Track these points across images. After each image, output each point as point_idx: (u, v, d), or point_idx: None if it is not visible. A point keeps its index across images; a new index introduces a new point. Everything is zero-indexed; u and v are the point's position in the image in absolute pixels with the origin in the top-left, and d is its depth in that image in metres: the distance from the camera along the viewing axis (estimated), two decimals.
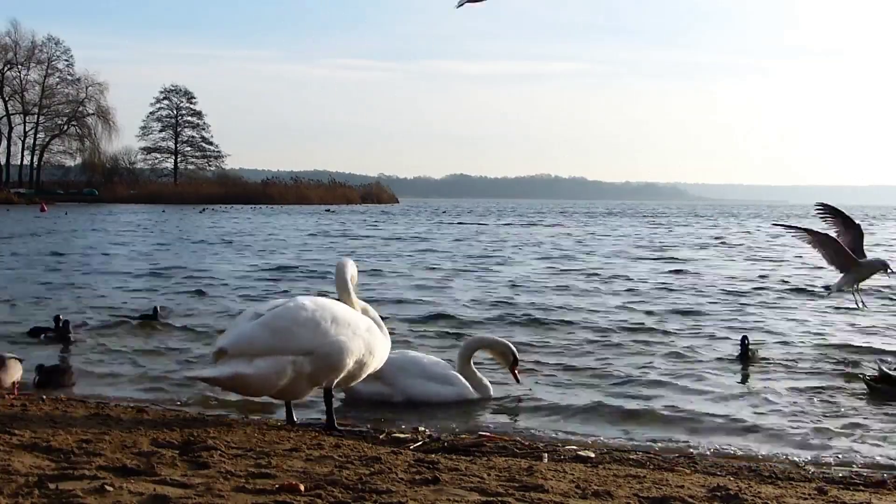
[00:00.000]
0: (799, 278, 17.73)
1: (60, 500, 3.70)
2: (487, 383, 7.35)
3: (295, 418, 6.01)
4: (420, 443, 5.63)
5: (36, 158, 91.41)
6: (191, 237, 32.37)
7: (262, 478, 4.20)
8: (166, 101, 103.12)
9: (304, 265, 20.41)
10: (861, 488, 4.87)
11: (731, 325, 11.46)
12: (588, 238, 36.17)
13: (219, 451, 4.74)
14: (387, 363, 6.30)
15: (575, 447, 5.80)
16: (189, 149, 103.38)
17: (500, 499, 4.00)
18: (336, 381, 5.80)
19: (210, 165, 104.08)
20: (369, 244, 29.50)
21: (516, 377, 7.40)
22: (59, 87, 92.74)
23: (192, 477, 4.17)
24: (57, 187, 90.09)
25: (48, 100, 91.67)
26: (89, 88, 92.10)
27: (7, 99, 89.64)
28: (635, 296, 14.82)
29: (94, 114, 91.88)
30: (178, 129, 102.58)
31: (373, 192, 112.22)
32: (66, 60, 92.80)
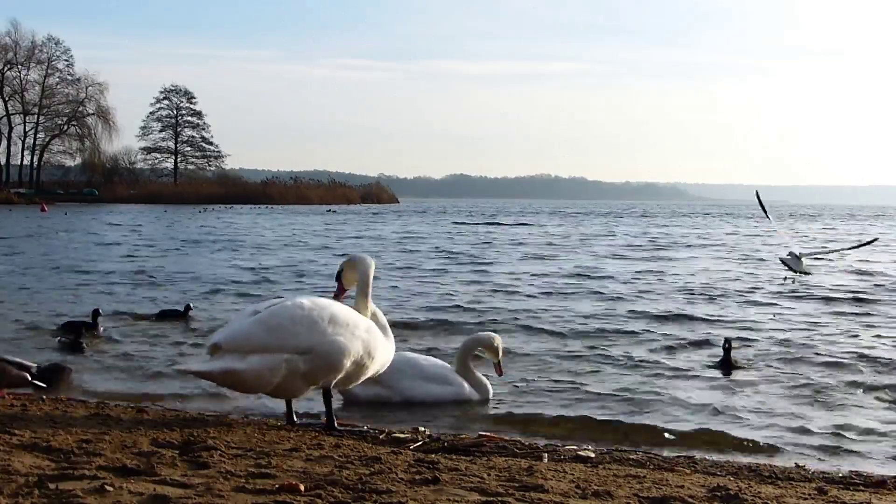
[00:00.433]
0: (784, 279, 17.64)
1: (60, 500, 3.70)
2: (487, 383, 7.35)
3: (295, 418, 6.00)
4: (420, 443, 5.63)
5: (36, 158, 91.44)
6: (208, 237, 32.04)
7: (262, 478, 4.20)
8: (166, 101, 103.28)
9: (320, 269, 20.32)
10: (861, 488, 4.87)
11: (714, 326, 11.41)
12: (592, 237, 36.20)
13: (219, 451, 4.73)
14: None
15: (575, 447, 5.80)
16: (189, 149, 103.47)
17: (500, 499, 4.00)
18: (334, 382, 5.78)
19: (210, 165, 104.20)
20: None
21: (500, 370, 7.44)
22: (59, 87, 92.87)
23: (192, 477, 4.17)
24: (57, 187, 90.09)
25: (48, 100, 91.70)
26: (89, 88, 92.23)
27: (7, 99, 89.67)
28: (618, 295, 14.83)
29: (94, 114, 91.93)
30: (178, 129, 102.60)
31: (373, 192, 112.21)
32: (66, 60, 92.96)
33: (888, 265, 22.20)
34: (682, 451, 5.95)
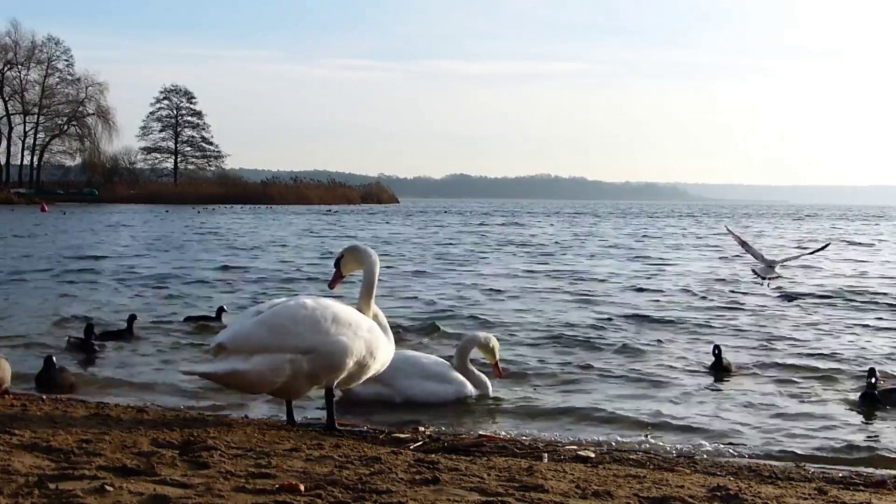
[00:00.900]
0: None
1: (60, 500, 3.70)
2: (486, 380, 7.35)
3: (295, 418, 6.00)
4: (420, 443, 5.63)
5: (36, 158, 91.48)
6: (225, 239, 31.64)
7: (262, 478, 4.20)
8: (166, 101, 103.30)
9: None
10: (861, 488, 4.87)
11: (704, 328, 11.32)
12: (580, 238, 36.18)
13: (219, 451, 4.73)
14: None
15: (575, 447, 5.80)
16: (189, 149, 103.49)
17: (500, 499, 4.00)
18: (336, 382, 5.78)
19: (210, 165, 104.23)
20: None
21: (499, 372, 7.43)
22: (59, 87, 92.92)
23: (192, 477, 4.17)
24: (57, 187, 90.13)
25: (48, 100, 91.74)
26: (89, 88, 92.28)
27: (7, 99, 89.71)
28: (606, 296, 14.77)
29: (94, 114, 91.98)
30: (178, 129, 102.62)
31: (373, 192, 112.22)
32: (66, 60, 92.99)
33: (876, 266, 22.25)
34: (683, 450, 5.94)
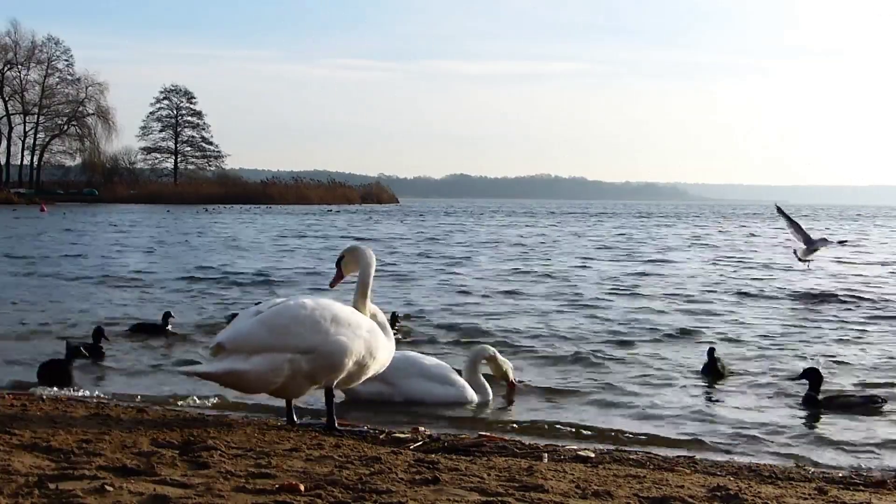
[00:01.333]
0: (765, 283, 17.42)
1: (60, 500, 3.70)
2: (487, 386, 7.37)
3: (295, 418, 6.00)
4: (420, 443, 5.63)
5: (36, 158, 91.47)
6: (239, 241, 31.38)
7: (262, 478, 4.20)
8: (166, 101, 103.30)
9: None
10: (861, 488, 4.87)
11: (698, 330, 11.26)
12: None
13: (219, 451, 4.73)
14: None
15: (575, 447, 5.80)
16: (189, 149, 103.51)
17: (500, 499, 4.00)
18: (336, 382, 5.78)
19: (210, 165, 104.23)
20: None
21: (512, 387, 7.45)
22: (59, 87, 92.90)
23: (192, 477, 4.17)
24: (57, 187, 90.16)
25: (48, 100, 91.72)
26: (89, 88, 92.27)
27: (7, 99, 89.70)
28: (601, 298, 14.73)
29: (94, 114, 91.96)
30: (178, 129, 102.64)
31: (373, 192, 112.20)
32: (66, 60, 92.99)
33: (865, 266, 22.27)
34: (681, 451, 5.95)
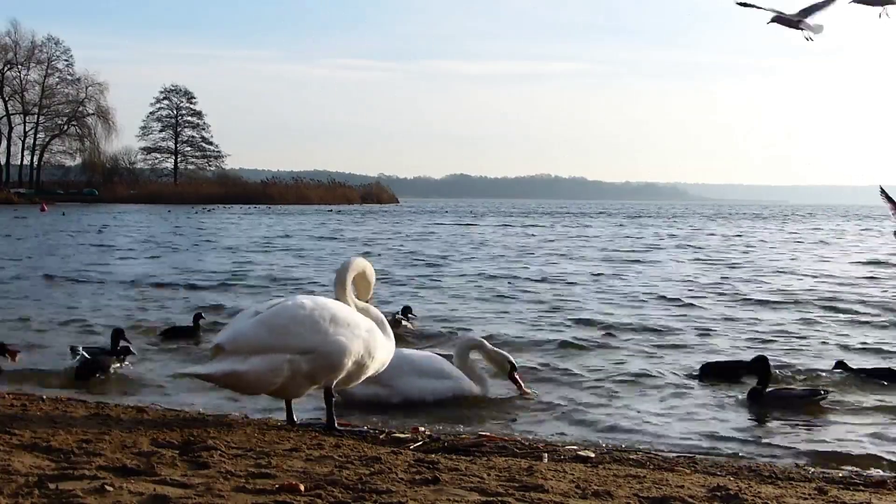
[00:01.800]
0: (751, 285, 17.35)
1: (60, 500, 3.70)
2: (486, 378, 7.34)
3: (295, 418, 6.00)
4: (420, 443, 5.63)
5: (36, 158, 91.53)
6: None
7: (262, 478, 4.20)
8: (166, 101, 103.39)
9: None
10: (861, 488, 4.87)
11: (687, 333, 11.17)
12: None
13: (219, 451, 4.73)
14: None
15: (575, 447, 5.80)
16: (189, 149, 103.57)
17: (500, 499, 4.00)
18: (335, 382, 5.78)
19: (210, 165, 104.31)
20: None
21: (519, 385, 7.39)
22: (59, 87, 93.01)
23: (192, 477, 4.17)
24: (57, 187, 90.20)
25: (48, 100, 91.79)
26: (89, 88, 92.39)
27: (7, 99, 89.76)
28: (588, 300, 14.67)
29: (94, 114, 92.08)
30: (178, 129, 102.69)
31: (373, 192, 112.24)
32: (66, 60, 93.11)
33: (846, 266, 22.28)
34: (683, 450, 5.95)
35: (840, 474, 5.36)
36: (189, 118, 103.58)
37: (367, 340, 5.76)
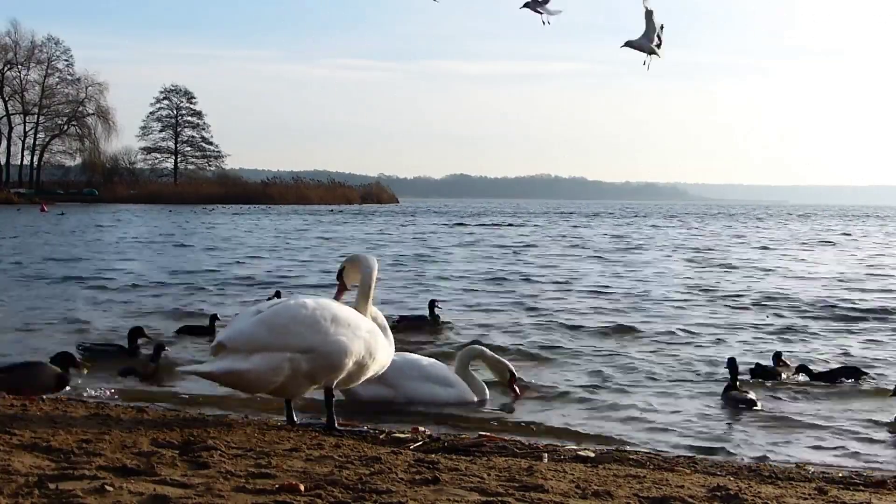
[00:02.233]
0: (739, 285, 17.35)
1: (60, 500, 3.70)
2: (484, 385, 7.38)
3: (295, 418, 6.00)
4: (420, 443, 5.63)
5: (36, 158, 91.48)
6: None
7: (262, 478, 4.20)
8: (166, 101, 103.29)
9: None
10: (861, 488, 4.87)
11: (676, 334, 11.12)
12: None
13: (219, 451, 4.73)
14: (389, 365, 6.27)
15: (575, 447, 5.80)
16: (189, 149, 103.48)
17: (500, 499, 4.00)
18: (336, 382, 5.78)
19: (210, 165, 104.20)
20: None
21: (515, 391, 7.40)
22: (59, 87, 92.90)
23: (192, 477, 4.17)
24: (57, 187, 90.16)
25: (48, 100, 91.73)
26: (89, 88, 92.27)
27: (7, 99, 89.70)
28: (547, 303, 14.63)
29: (94, 114, 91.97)
30: (178, 129, 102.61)
31: (373, 192, 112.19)
32: (66, 60, 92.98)
33: (834, 266, 22.22)
34: (681, 451, 5.95)
35: (840, 474, 5.36)
36: (189, 118, 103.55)
37: (368, 341, 5.77)
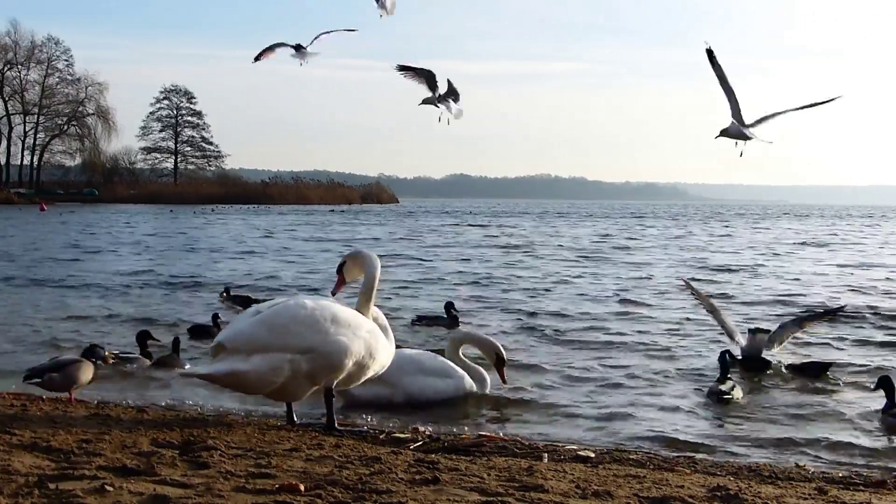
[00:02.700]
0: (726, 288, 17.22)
1: (60, 500, 3.70)
2: (484, 372, 7.35)
3: (295, 418, 6.00)
4: (420, 443, 5.63)
5: (36, 158, 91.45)
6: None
7: (262, 478, 4.20)
8: (166, 101, 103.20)
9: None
10: (861, 488, 4.87)
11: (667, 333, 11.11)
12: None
13: (219, 451, 4.73)
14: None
15: (575, 447, 5.80)
16: (189, 149, 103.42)
17: (500, 499, 4.00)
18: (336, 382, 5.78)
19: (210, 165, 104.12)
20: None
21: (503, 377, 7.39)
22: (59, 87, 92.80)
23: (192, 477, 4.17)
24: (57, 187, 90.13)
25: (48, 100, 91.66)
26: (89, 88, 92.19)
27: (7, 99, 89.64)
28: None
29: (94, 114, 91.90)
30: (178, 129, 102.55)
31: (373, 192, 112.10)
32: (66, 60, 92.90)
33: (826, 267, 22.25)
34: (681, 451, 5.95)
35: (840, 474, 5.36)
36: (189, 118, 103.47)
37: (369, 341, 5.76)
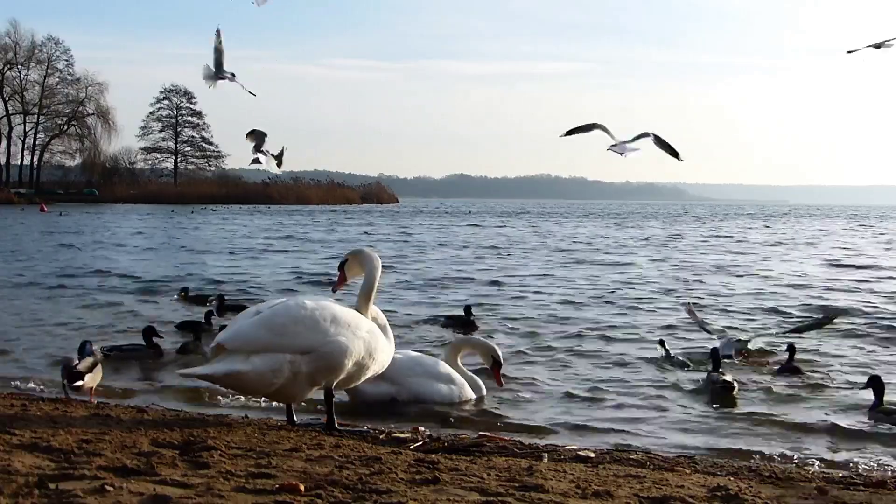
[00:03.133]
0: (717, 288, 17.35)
1: (60, 500, 3.70)
2: (480, 382, 7.40)
3: (295, 418, 6.00)
4: (420, 443, 5.63)
5: (36, 158, 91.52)
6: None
7: (262, 478, 4.20)
8: (166, 101, 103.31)
9: None
10: (861, 488, 4.87)
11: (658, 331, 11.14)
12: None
13: (219, 451, 4.73)
14: (393, 362, 6.27)
15: (575, 447, 5.80)
16: (189, 149, 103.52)
17: (500, 499, 4.00)
18: (336, 382, 5.78)
19: (210, 165, 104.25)
20: None
21: (499, 380, 7.40)
22: (59, 87, 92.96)
23: (192, 477, 4.17)
24: (57, 187, 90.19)
25: (48, 100, 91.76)
26: (89, 88, 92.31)
27: (7, 99, 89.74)
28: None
29: (94, 114, 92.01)
30: (178, 129, 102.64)
31: (373, 192, 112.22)
32: (66, 60, 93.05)
33: (817, 268, 22.27)
34: (681, 451, 5.95)
35: (840, 474, 5.36)
36: (189, 118, 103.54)
37: (368, 341, 5.75)
